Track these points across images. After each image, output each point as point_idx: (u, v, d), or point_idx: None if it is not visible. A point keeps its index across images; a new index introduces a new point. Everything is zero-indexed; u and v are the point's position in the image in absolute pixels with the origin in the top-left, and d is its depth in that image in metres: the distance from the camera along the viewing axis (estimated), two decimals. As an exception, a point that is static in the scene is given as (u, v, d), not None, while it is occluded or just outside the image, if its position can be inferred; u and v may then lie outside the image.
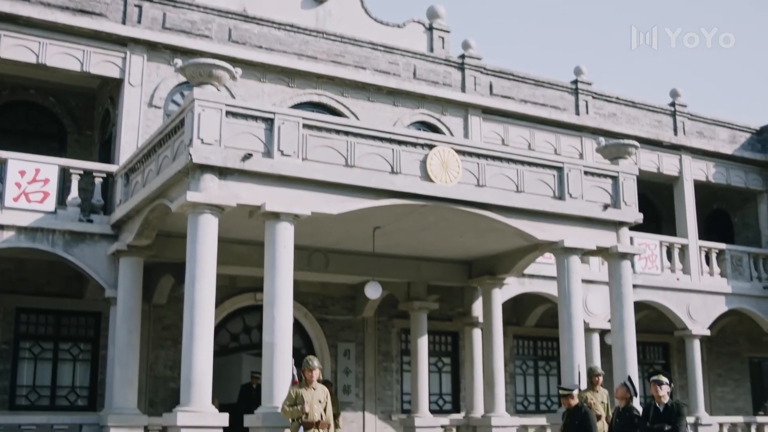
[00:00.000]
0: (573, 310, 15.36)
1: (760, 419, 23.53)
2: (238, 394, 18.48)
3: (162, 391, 17.83)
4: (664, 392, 10.95)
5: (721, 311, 23.05)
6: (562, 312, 15.48)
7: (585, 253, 16.10)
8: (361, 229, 15.42)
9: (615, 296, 16.01)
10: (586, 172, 15.79)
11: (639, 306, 19.21)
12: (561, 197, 15.43)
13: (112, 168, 16.56)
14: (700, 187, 24.35)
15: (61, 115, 19.53)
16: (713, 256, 23.42)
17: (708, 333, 22.71)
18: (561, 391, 12.70)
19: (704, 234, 24.50)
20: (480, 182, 14.60)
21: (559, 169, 15.53)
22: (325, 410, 12.06)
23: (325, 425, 12.01)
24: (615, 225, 16.03)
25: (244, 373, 20.99)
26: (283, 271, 12.76)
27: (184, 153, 12.51)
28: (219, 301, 14.48)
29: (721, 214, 26.45)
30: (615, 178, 16.10)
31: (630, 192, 16.17)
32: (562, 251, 15.49)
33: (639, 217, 16.20)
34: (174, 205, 12.87)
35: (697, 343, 22.31)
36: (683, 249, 22.94)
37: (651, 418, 10.76)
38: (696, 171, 23.98)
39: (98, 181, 16.39)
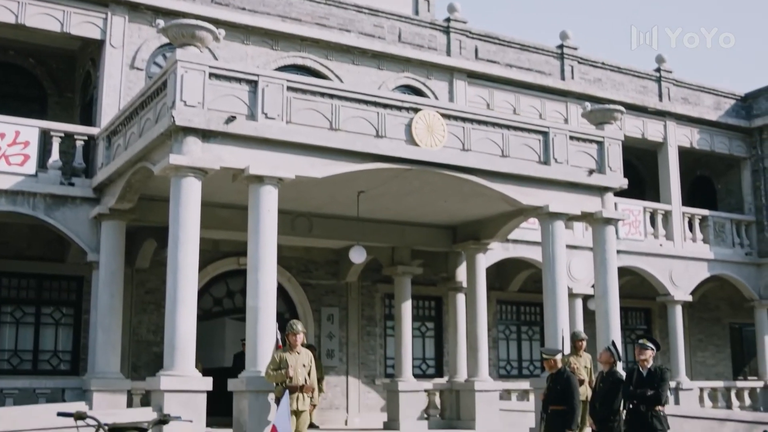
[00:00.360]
0: (557, 275, 15.37)
1: (740, 384, 23.75)
2: (233, 362, 18.39)
3: (145, 356, 17.78)
4: (647, 356, 10.95)
5: (703, 277, 23.17)
6: (546, 277, 15.48)
7: (570, 218, 16.07)
8: (346, 193, 15.33)
9: (599, 261, 16.02)
10: (571, 137, 15.73)
11: (622, 271, 19.24)
12: (546, 162, 15.38)
13: (93, 131, 16.38)
14: (684, 154, 24.36)
15: (41, 76, 19.27)
16: (696, 223, 23.52)
17: (690, 299, 22.85)
18: (543, 355, 12.72)
19: (687, 200, 24.56)
20: (465, 146, 14.52)
21: (545, 134, 15.46)
22: (309, 374, 12.04)
23: (309, 389, 12.00)
24: (600, 190, 16.01)
25: (228, 337, 20.98)
26: (267, 235, 12.69)
27: (166, 115, 12.36)
28: (202, 266, 14.39)
29: (705, 181, 26.51)
30: (600, 144, 16.05)
31: (615, 157, 16.13)
32: (546, 216, 15.47)
33: (624, 183, 16.19)
34: (157, 168, 12.74)
35: (679, 309, 22.44)
36: (666, 215, 22.99)
37: (634, 382, 10.77)
38: (680, 137, 23.98)
39: (79, 144, 16.22)
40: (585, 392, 13.98)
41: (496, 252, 19.39)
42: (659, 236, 22.63)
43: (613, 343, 12.45)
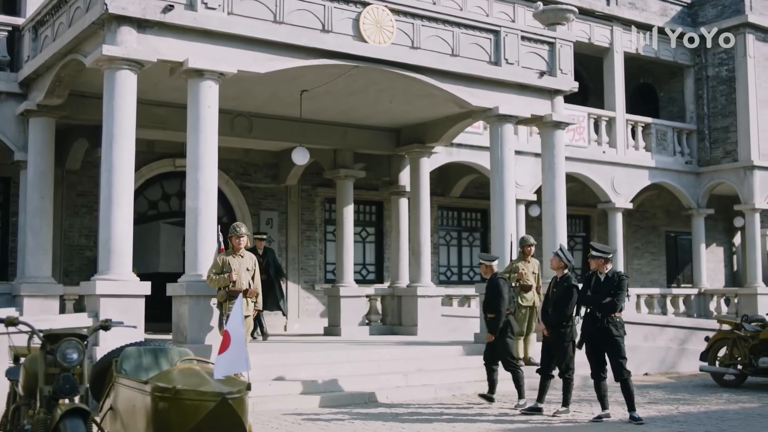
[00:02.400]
0: (505, 179, 15.01)
1: (676, 291, 24.00)
2: None
3: (78, 260, 17.14)
4: (595, 265, 10.78)
5: (644, 185, 23.14)
6: (494, 181, 15.12)
7: (519, 122, 15.68)
8: (288, 92, 14.71)
9: (547, 166, 15.70)
10: (523, 38, 15.23)
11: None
12: (497, 63, 14.89)
13: (18, 21, 15.33)
14: (628, 61, 23.97)
15: (-41, -37, 18.01)
16: (639, 130, 23.36)
17: (630, 206, 22.82)
18: (480, 261, 12.41)
19: (630, 109, 24.31)
20: (414, 44, 13.94)
21: (496, 33, 14.93)
22: (253, 278, 11.62)
23: (253, 293, 11.60)
24: (550, 93, 15.61)
25: (162, 242, 20.36)
26: (207, 132, 12.06)
27: (98, 3, 11.52)
28: (137, 167, 13.63)
29: (647, 89, 26.30)
30: (552, 45, 15.59)
31: (566, 59, 15.71)
32: (495, 119, 15.04)
33: (574, 86, 15.81)
34: (88, 60, 11.94)
35: (619, 216, 22.42)
36: (610, 122, 22.76)
37: (592, 287, 10.59)
38: (626, 43, 23.58)
39: (2, 35, 15.17)
40: (533, 298, 13.85)
41: (439, 156, 18.97)
42: (602, 143, 22.44)
43: (561, 248, 12.19)
